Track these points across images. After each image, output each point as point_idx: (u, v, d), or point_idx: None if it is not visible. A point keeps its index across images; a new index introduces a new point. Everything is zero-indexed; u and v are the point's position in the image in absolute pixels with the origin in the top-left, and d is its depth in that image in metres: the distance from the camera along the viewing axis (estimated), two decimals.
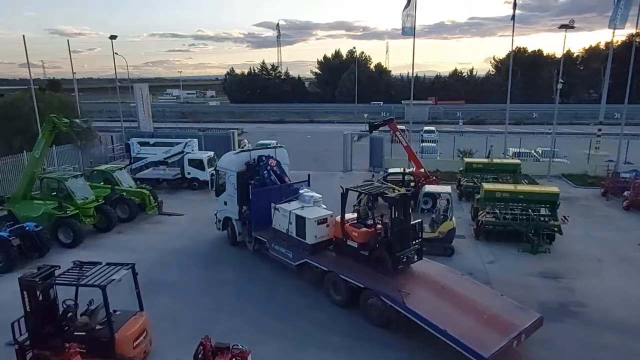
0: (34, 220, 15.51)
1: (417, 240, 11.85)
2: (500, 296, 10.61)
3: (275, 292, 12.63)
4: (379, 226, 11.77)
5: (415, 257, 11.87)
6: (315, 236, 12.55)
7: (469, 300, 10.29)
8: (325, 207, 13.74)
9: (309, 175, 15.81)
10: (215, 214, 16.80)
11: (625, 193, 20.74)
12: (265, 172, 14.87)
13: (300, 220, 12.77)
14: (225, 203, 15.95)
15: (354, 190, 12.43)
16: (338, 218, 12.58)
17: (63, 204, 16.31)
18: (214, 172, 17.63)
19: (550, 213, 16.12)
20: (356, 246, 11.92)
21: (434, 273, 11.57)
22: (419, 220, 12.23)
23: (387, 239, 11.44)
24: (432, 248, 14.79)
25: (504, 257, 14.97)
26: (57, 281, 8.55)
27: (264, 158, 15.07)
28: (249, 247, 15.39)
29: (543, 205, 16.40)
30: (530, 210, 16.27)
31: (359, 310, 11.14)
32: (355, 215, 12.78)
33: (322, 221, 12.67)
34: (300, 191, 14.25)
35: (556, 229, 15.66)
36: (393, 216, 11.34)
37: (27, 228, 14.59)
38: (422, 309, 9.66)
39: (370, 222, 12.06)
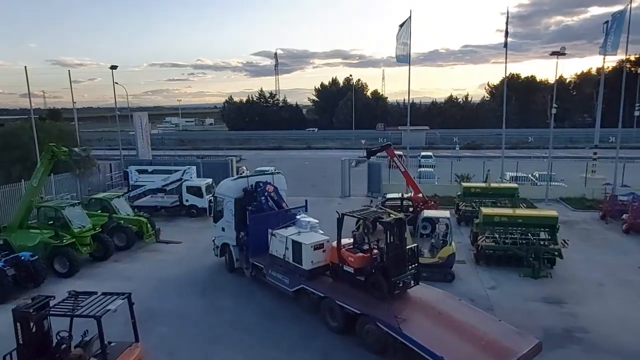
0: (30, 249, 15.36)
1: (413, 265, 11.77)
2: (498, 321, 10.46)
3: (273, 321, 12.40)
4: (375, 251, 11.68)
5: (412, 282, 11.74)
6: (312, 262, 12.48)
7: (466, 326, 10.12)
8: (322, 232, 13.66)
9: (306, 200, 15.80)
10: (213, 240, 16.82)
11: (624, 216, 20.74)
12: (263, 198, 14.91)
13: (297, 246, 12.73)
14: (223, 229, 16.00)
15: (349, 215, 12.40)
16: (334, 243, 12.48)
17: (60, 233, 16.18)
18: (212, 198, 17.62)
19: (550, 237, 16.07)
20: (352, 271, 11.85)
21: (431, 298, 11.44)
22: (415, 244, 12.20)
23: (382, 263, 11.33)
24: (432, 274, 14.67)
25: (506, 282, 14.81)
26: (51, 312, 8.39)
27: (261, 184, 15.16)
28: (246, 273, 15.28)
29: (542, 229, 16.36)
30: (529, 235, 16.22)
31: (356, 337, 10.92)
32: (352, 240, 12.63)
33: (319, 246, 12.62)
34: (297, 217, 14.25)
35: (556, 253, 15.57)
36: (388, 241, 11.31)
37: (22, 258, 14.43)
38: (419, 335, 9.54)
39: (366, 247, 11.98)
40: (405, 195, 21.42)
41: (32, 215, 17.49)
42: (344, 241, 12.50)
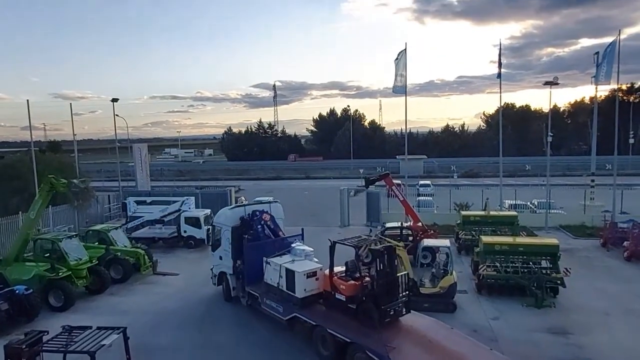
0: (25, 283, 15.10)
1: (404, 293, 11.78)
2: (489, 350, 10.38)
3: (272, 356, 12.07)
4: (366, 279, 11.62)
5: (404, 310, 11.73)
6: (305, 290, 12.39)
7: (457, 355, 10.05)
8: (317, 260, 13.53)
9: (302, 229, 15.77)
10: (211, 269, 16.77)
11: (625, 243, 20.62)
12: (259, 226, 14.97)
13: (290, 274, 12.66)
14: (221, 258, 16.00)
15: (341, 244, 12.36)
16: (328, 271, 12.42)
17: (55, 266, 15.94)
18: (210, 227, 17.54)
19: (551, 265, 15.91)
20: (344, 299, 11.76)
21: (422, 326, 11.40)
22: (406, 272, 12.27)
23: (373, 291, 11.30)
24: (434, 304, 14.45)
25: (509, 312, 14.54)
26: (44, 348, 8.19)
27: (257, 213, 15.23)
28: (243, 301, 15.18)
29: (544, 258, 16.22)
30: (531, 263, 16.07)
31: None
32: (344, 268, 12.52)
33: (312, 274, 12.56)
34: (293, 245, 14.20)
35: (559, 282, 15.37)
36: (378, 268, 11.35)
37: (17, 292, 14.15)
38: None
39: (358, 275, 11.94)
40: (405, 225, 21.34)
41: (29, 247, 17.32)
42: (337, 269, 12.40)
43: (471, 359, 9.88)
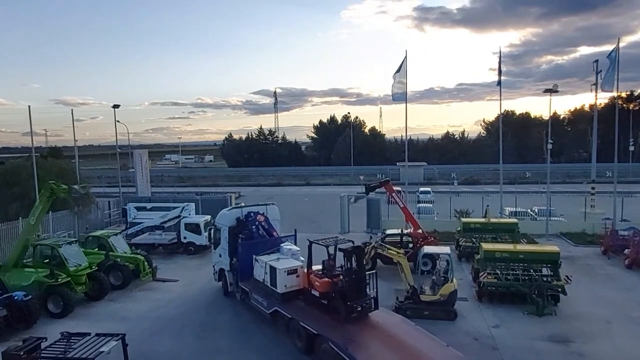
0: (24, 289, 15.06)
1: (373, 291, 12.60)
2: (445, 346, 10.93)
3: None
4: (341, 277, 12.45)
5: (372, 306, 12.47)
6: (285, 285, 13.35)
7: (412, 349, 10.76)
8: (303, 259, 14.06)
9: (295, 230, 16.24)
10: (213, 266, 17.85)
11: (626, 251, 20.56)
12: (254, 226, 15.95)
13: (273, 271, 13.67)
14: (220, 255, 17.10)
15: (316, 243, 13.18)
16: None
17: (55, 272, 15.90)
18: (212, 227, 18.58)
19: (552, 273, 15.85)
20: (318, 295, 12.66)
21: (388, 323, 12.17)
22: (374, 271, 13.12)
23: (342, 288, 12.20)
24: (434, 312, 14.39)
25: (510, 320, 14.47)
26: (42, 354, 8.15)
27: (252, 214, 16.29)
28: (237, 296, 16.11)
29: (544, 265, 16.17)
30: (531, 270, 16.01)
31: None
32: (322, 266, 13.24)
33: (292, 272, 13.49)
34: (282, 245, 15.15)
35: (560, 290, 15.31)
36: (347, 267, 12.27)
37: (15, 298, 14.09)
38: (362, 355, 10.30)
39: (333, 273, 12.78)
40: (405, 231, 21.30)
41: (28, 253, 17.28)
42: (316, 267, 13.20)
43: (424, 353, 10.56)
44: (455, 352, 10.68)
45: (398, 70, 26.65)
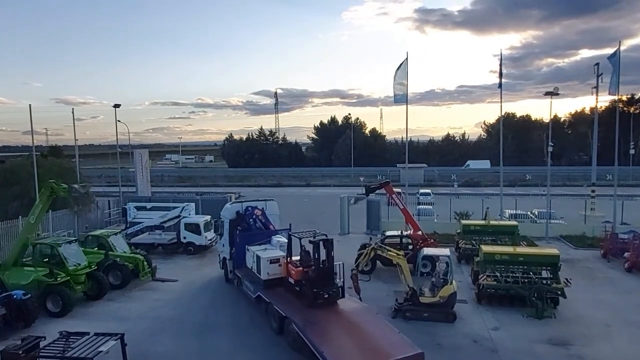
0: (23, 287, 15.03)
1: (340, 280, 13.65)
2: (397, 333, 11.65)
3: None
4: (313, 267, 13.46)
5: (339, 294, 13.46)
6: (268, 273, 14.70)
7: (364, 333, 11.76)
8: None
9: (290, 224, 16.70)
10: (219, 255, 19.53)
11: (626, 254, 20.54)
12: (251, 220, 17.52)
13: (258, 259, 15.13)
14: (223, 245, 18.77)
15: (294, 236, 14.43)
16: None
17: (54, 271, 15.89)
18: (217, 219, 20.27)
19: (552, 276, 15.83)
20: (293, 282, 13.91)
21: (351, 310, 13.12)
22: (341, 262, 13.89)
23: (310, 277, 13.34)
24: (434, 314, 14.37)
25: (509, 322, 14.45)
26: (41, 354, 8.14)
27: (250, 208, 17.89)
28: (235, 282, 17.54)
29: (544, 268, 16.15)
30: (531, 273, 15.99)
31: None
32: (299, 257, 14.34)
33: (275, 261, 14.82)
34: (272, 237, 16.54)
35: (560, 293, 15.29)
36: (314, 257, 13.45)
37: (14, 296, 14.08)
38: (316, 335, 11.38)
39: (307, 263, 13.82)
40: (405, 233, 21.28)
41: (28, 252, 17.27)
42: (296, 258, 14.43)
43: (374, 337, 11.51)
44: (404, 338, 11.31)
45: (398, 69, 26.61)
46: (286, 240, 15.34)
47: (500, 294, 15.73)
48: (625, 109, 71.22)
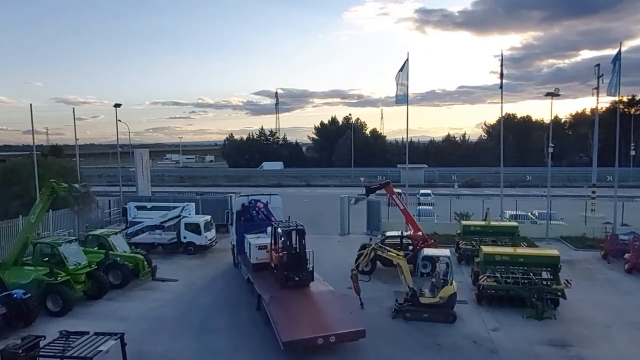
0: (23, 287, 15.06)
1: (310, 266, 15.31)
2: (349, 313, 13.18)
3: None
4: (286, 253, 15.21)
5: (310, 278, 15.12)
6: (257, 258, 16.87)
7: (320, 311, 13.60)
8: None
9: (289, 216, 17.73)
10: (231, 242, 21.75)
11: (626, 256, 20.53)
12: (254, 211, 19.56)
13: (249, 245, 17.41)
14: (233, 234, 20.92)
15: (275, 226, 16.20)
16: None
17: (54, 270, 15.90)
18: (229, 209, 23.25)
19: (552, 277, 15.83)
20: (273, 267, 15.93)
21: (318, 292, 14.70)
22: (311, 250, 15.38)
23: (283, 262, 15.07)
24: (433, 314, 14.37)
25: (509, 323, 14.45)
26: (41, 353, 8.16)
27: (253, 201, 19.97)
28: (239, 266, 19.61)
29: (544, 269, 16.14)
30: (531, 274, 15.98)
31: None
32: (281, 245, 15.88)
33: (263, 247, 16.84)
34: (268, 227, 17.67)
35: (560, 294, 15.28)
36: (286, 245, 15.31)
37: (15, 296, 14.10)
38: (276, 309, 13.23)
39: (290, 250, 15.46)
40: (405, 234, 21.28)
41: (28, 251, 17.28)
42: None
43: (327, 312, 13.36)
44: (354, 319, 12.74)
45: (400, 70, 26.62)
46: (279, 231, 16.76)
47: (500, 294, 15.73)
48: (626, 110, 71.12)
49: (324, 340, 11.88)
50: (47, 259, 16.84)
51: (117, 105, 34.82)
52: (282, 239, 15.58)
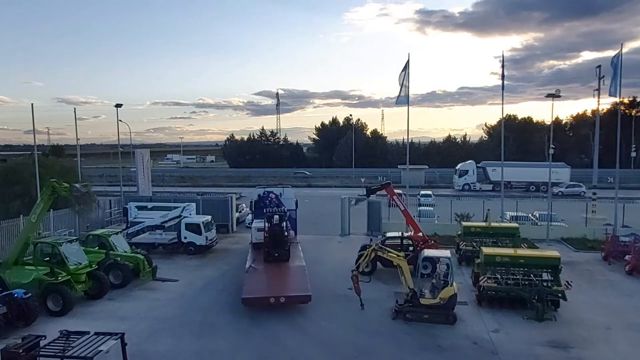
0: (24, 286, 15.07)
1: (289, 244, 19.19)
2: (306, 283, 15.86)
3: None
4: (267, 234, 19.04)
5: (286, 255, 18.66)
6: (256, 238, 20.95)
7: (284, 280, 16.99)
8: (283, 225, 19.77)
9: (296, 202, 22.96)
10: (248, 224, 26.75)
11: (627, 257, 20.51)
12: (267, 201, 22.58)
13: (252, 229, 21.79)
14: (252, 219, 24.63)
15: (268, 214, 20.13)
16: None
17: (55, 270, 15.91)
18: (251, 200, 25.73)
19: (552, 278, 15.81)
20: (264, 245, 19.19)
21: (291, 267, 18.10)
22: (292, 231, 20.06)
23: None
24: (434, 315, 14.36)
25: (509, 324, 14.44)
26: (41, 352, 8.16)
27: (266, 192, 23.31)
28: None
29: (545, 270, 16.13)
30: (532, 275, 15.96)
31: None
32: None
33: (261, 229, 20.08)
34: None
35: (560, 295, 15.27)
36: (268, 227, 19.07)
37: (15, 295, 14.10)
38: (250, 275, 16.76)
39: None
40: (405, 234, 21.27)
41: (29, 251, 17.29)
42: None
43: (288, 280, 16.87)
44: (307, 287, 15.38)
45: (403, 71, 26.60)
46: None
47: (500, 296, 15.72)
48: (627, 111, 70.88)
49: (275, 300, 14.66)
50: (47, 258, 16.85)
51: (118, 105, 34.83)
52: (275, 223, 19.08)
